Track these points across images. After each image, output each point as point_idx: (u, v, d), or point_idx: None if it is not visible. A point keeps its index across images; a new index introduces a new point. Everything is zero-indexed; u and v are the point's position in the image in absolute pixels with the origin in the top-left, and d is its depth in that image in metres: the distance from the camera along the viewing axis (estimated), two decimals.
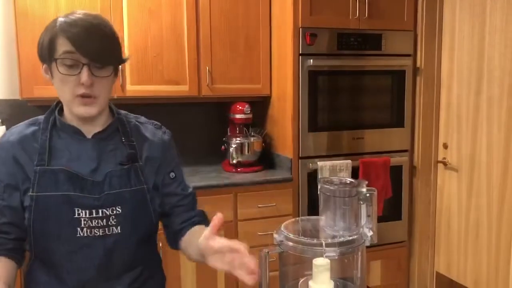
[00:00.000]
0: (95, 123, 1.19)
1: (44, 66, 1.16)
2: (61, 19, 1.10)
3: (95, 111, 1.14)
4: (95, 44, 1.09)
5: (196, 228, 1.28)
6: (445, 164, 2.95)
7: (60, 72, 1.09)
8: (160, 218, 1.30)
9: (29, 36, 2.46)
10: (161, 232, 1.34)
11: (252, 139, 2.94)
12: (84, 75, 1.08)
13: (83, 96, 1.10)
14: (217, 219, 1.02)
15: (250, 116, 2.94)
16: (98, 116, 1.18)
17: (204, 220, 1.32)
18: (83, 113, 1.12)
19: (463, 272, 2.86)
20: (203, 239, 1.05)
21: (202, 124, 3.16)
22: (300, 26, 2.65)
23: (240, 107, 2.92)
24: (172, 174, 1.28)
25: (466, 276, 2.83)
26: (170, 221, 1.30)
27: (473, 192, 2.75)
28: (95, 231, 1.13)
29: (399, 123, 2.97)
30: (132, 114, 1.31)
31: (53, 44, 1.09)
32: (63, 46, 1.08)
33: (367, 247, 1.07)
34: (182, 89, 2.78)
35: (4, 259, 1.15)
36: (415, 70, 2.98)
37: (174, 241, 1.31)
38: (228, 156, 2.93)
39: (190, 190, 1.34)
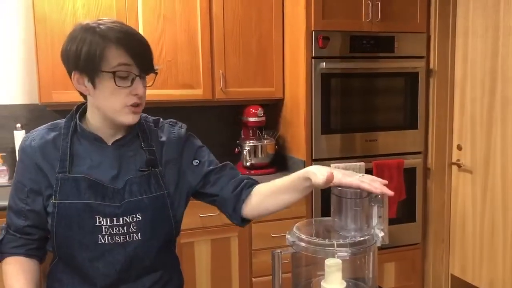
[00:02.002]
0: (119, 127, 1.20)
1: (76, 77, 1.12)
2: (102, 27, 1.08)
3: (139, 118, 1.18)
4: (147, 57, 1.13)
5: (260, 185, 1.28)
6: (459, 166, 2.94)
7: (117, 85, 1.09)
8: (212, 203, 1.30)
9: (47, 42, 2.52)
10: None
11: (265, 141, 2.96)
12: (141, 87, 1.12)
13: (134, 105, 1.13)
14: (330, 173, 1.08)
15: (263, 119, 2.97)
16: None
17: (255, 182, 1.30)
18: (131, 121, 1.15)
19: (478, 275, 2.84)
20: (318, 182, 1.11)
21: (216, 127, 3.19)
22: (312, 29, 2.67)
23: (253, 110, 2.94)
24: (195, 161, 1.28)
25: (481, 278, 2.81)
26: (222, 198, 1.27)
27: (488, 194, 2.73)
28: (116, 238, 1.14)
29: (413, 125, 2.97)
30: (151, 118, 1.31)
31: (103, 55, 1.07)
32: (118, 58, 1.08)
33: (381, 248, 1.09)
34: (196, 93, 2.81)
35: (30, 260, 1.20)
36: (428, 72, 2.98)
37: (235, 212, 1.27)
38: (241, 159, 2.96)
39: (223, 162, 1.32)
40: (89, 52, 1.07)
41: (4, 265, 1.20)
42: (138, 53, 1.11)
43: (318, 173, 1.11)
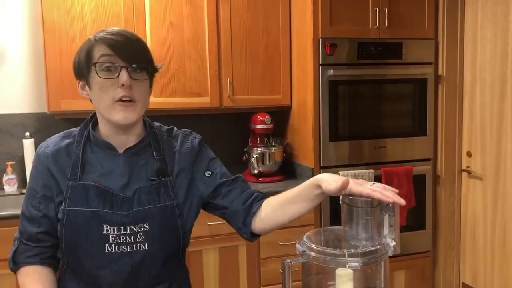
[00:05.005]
0: (129, 134, 1.19)
1: (80, 84, 1.17)
2: (96, 34, 1.13)
3: (133, 118, 1.13)
4: (131, 47, 1.11)
5: (270, 198, 1.25)
6: (469, 172, 2.91)
7: (99, 76, 1.10)
8: (221, 215, 1.29)
9: (56, 51, 2.53)
10: None
11: (273, 149, 2.95)
12: (124, 76, 1.09)
13: (123, 100, 1.10)
14: (346, 179, 1.05)
15: (271, 126, 2.96)
16: (133, 127, 1.18)
17: (265, 196, 1.29)
18: (122, 118, 1.12)
19: (490, 283, 2.80)
20: (330, 189, 1.08)
21: (224, 134, 3.19)
22: (320, 36, 2.67)
23: (261, 118, 2.94)
24: (207, 173, 1.27)
25: (493, 286, 2.77)
26: (232, 211, 1.26)
27: (499, 201, 2.70)
28: (123, 247, 1.14)
29: (422, 132, 2.94)
30: (165, 127, 1.30)
31: (90, 54, 1.11)
32: (100, 51, 1.10)
33: (391, 256, 1.07)
34: (204, 101, 2.82)
35: (46, 269, 1.20)
36: (437, 78, 2.96)
37: (245, 226, 1.26)
38: (249, 166, 2.95)
39: (235, 175, 1.31)
40: (80, 57, 1.14)
41: (20, 277, 1.20)
42: (119, 44, 1.10)
43: (329, 180, 1.09)
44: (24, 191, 1.24)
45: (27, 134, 2.76)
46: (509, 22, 2.58)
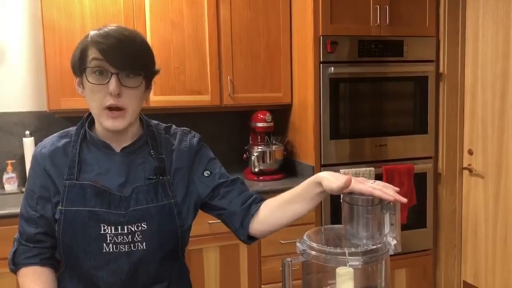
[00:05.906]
0: (124, 134, 1.18)
1: (77, 80, 1.15)
2: (93, 32, 1.10)
3: (122, 125, 1.11)
4: (123, 53, 1.07)
5: (269, 199, 1.24)
6: (470, 170, 2.90)
7: (89, 82, 1.08)
8: (219, 216, 1.27)
9: (56, 49, 2.53)
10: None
11: (273, 147, 2.95)
12: (112, 84, 1.06)
13: (111, 108, 1.08)
14: (349, 177, 1.04)
15: (272, 124, 2.95)
16: (128, 128, 1.16)
17: (264, 198, 1.27)
18: (110, 126, 1.10)
19: (491, 281, 2.79)
20: (332, 187, 1.07)
21: (224, 133, 3.19)
22: (320, 34, 2.66)
23: (261, 116, 2.93)
24: (206, 173, 1.26)
25: (494, 285, 2.77)
26: (230, 212, 1.24)
27: (500, 199, 2.69)
28: (120, 247, 1.13)
29: (423, 130, 2.94)
30: (163, 125, 1.29)
31: (84, 55, 1.09)
32: (91, 54, 1.08)
33: (392, 255, 1.06)
34: (204, 99, 2.81)
35: (45, 269, 1.20)
36: (438, 76, 2.95)
37: (242, 228, 1.24)
38: (250, 165, 2.94)
39: (234, 176, 1.30)
40: (75, 55, 1.12)
41: (20, 277, 1.19)
42: (110, 49, 1.06)
43: (330, 178, 1.08)
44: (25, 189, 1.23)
45: (27, 132, 2.76)
46: (511, 20, 2.56)
